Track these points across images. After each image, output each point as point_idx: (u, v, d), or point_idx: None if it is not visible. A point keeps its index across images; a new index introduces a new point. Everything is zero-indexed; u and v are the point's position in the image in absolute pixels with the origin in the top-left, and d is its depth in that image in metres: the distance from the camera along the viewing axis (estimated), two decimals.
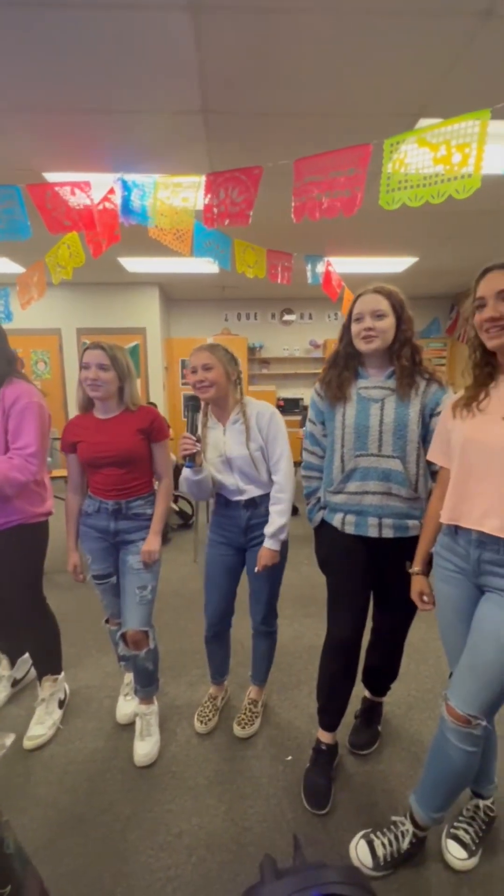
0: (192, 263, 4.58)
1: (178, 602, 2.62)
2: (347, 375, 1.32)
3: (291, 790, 1.44)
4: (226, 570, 1.60)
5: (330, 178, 1.76)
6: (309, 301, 6.56)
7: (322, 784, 1.40)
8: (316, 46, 1.81)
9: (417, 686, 1.93)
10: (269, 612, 1.64)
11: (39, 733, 1.62)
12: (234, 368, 1.51)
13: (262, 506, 1.51)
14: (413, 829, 1.18)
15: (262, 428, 1.48)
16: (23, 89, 2.06)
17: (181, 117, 2.28)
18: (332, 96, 2.12)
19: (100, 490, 1.56)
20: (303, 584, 2.87)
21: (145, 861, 1.23)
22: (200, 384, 1.44)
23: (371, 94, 2.10)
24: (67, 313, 5.69)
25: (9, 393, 1.49)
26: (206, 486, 1.50)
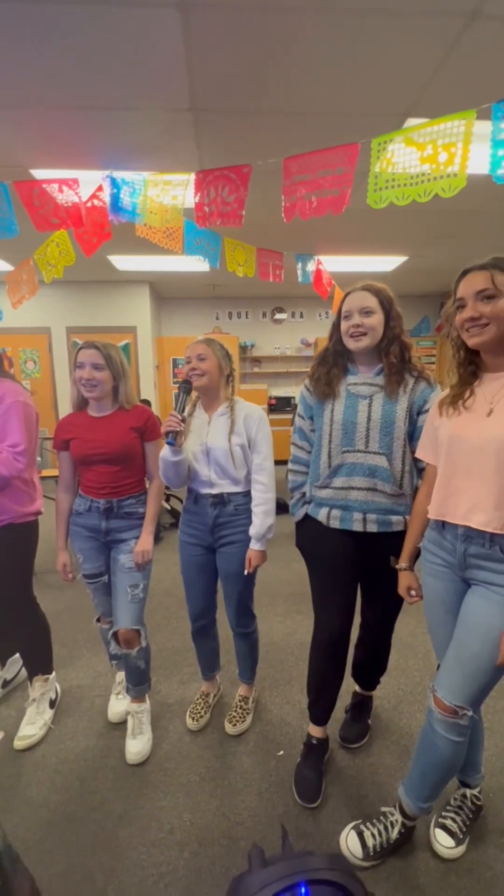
0: (183, 262, 4.57)
1: (170, 601, 2.62)
2: (336, 372, 1.33)
3: (283, 784, 1.45)
4: (200, 569, 1.60)
5: (319, 178, 1.77)
6: (300, 300, 6.58)
7: (313, 778, 1.42)
8: (305, 46, 1.81)
9: (407, 680, 1.96)
10: (243, 613, 1.63)
11: (30, 733, 1.61)
12: (228, 364, 1.53)
13: (231, 504, 1.51)
14: (402, 819, 1.20)
15: (249, 428, 1.49)
16: (10, 85, 2.03)
17: (170, 115, 2.27)
18: (320, 96, 2.13)
19: (92, 488, 1.56)
20: (294, 582, 2.89)
21: (137, 858, 1.23)
22: (194, 372, 1.46)
23: (360, 93, 2.12)
24: (57, 312, 5.64)
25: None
26: (182, 470, 1.49)
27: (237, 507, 1.51)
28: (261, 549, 1.51)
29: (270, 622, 2.44)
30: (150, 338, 5.84)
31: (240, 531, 1.52)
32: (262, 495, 1.50)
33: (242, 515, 1.52)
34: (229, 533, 1.52)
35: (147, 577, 1.61)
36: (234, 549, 1.53)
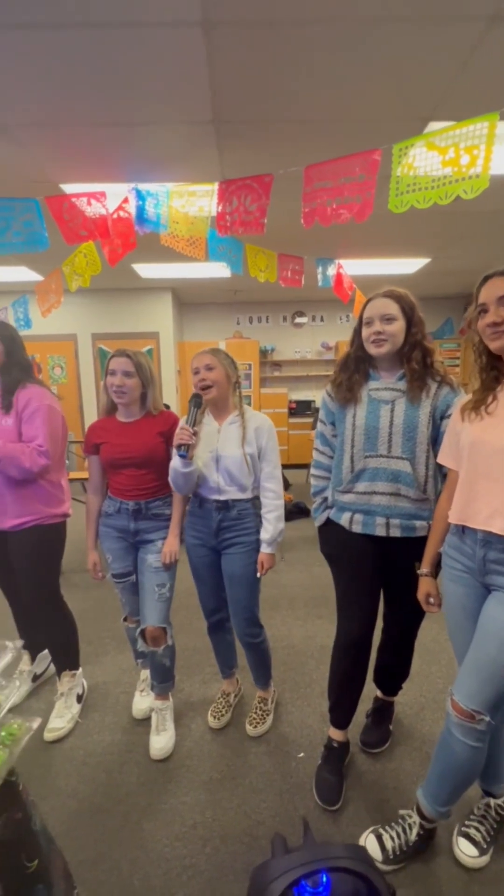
0: (205, 268, 4.65)
1: (192, 601, 2.64)
2: (358, 378, 1.34)
3: (303, 786, 1.46)
4: (207, 568, 1.63)
5: (339, 185, 1.79)
6: (320, 303, 6.58)
7: (333, 780, 1.42)
8: (325, 55, 1.84)
9: (429, 687, 1.93)
10: (249, 621, 1.63)
11: (59, 726, 1.68)
12: (234, 372, 1.56)
13: (234, 510, 1.54)
14: (420, 820, 1.20)
15: (259, 438, 1.52)
16: (42, 105, 2.14)
17: (193, 127, 2.33)
18: (340, 103, 2.15)
19: (120, 491, 1.61)
20: (314, 586, 2.89)
21: (161, 850, 1.27)
22: (202, 383, 1.49)
23: (380, 99, 2.13)
24: (83, 319, 5.81)
25: (21, 397, 1.58)
26: (192, 479, 1.53)
27: (240, 512, 1.54)
28: (272, 552, 1.54)
29: (291, 626, 2.45)
30: (172, 343, 5.95)
31: (243, 534, 1.54)
32: (272, 502, 1.54)
33: (245, 519, 1.55)
34: (232, 536, 1.55)
35: (173, 577, 1.65)
36: (237, 550, 1.55)
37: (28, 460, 1.52)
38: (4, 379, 1.60)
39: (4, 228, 2.07)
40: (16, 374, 1.60)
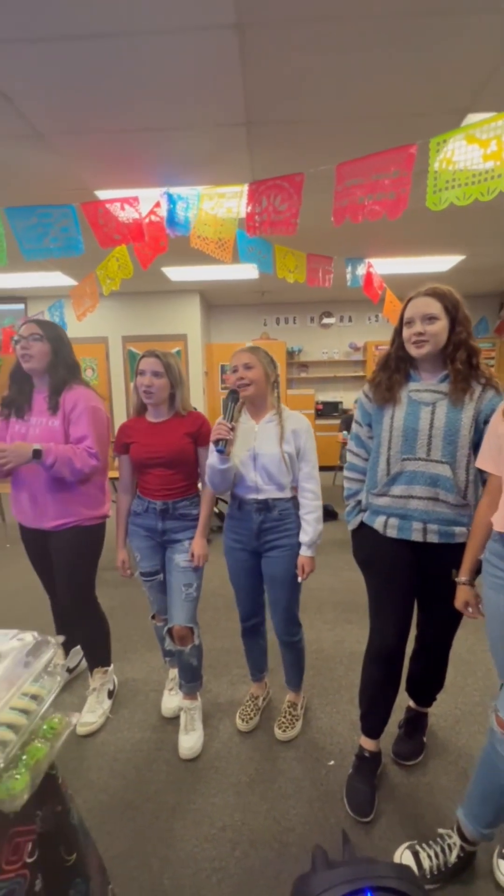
0: (233, 270, 4.67)
1: (219, 602, 2.67)
2: (398, 378, 1.30)
3: (334, 795, 1.43)
4: (247, 572, 1.62)
5: (373, 181, 1.75)
6: (349, 303, 6.49)
7: (365, 791, 1.39)
8: (358, 51, 1.81)
9: (465, 699, 1.86)
10: (289, 621, 1.63)
11: (91, 721, 1.71)
12: (273, 371, 1.55)
13: (276, 510, 1.52)
14: (461, 842, 1.15)
15: (298, 438, 1.51)
16: (76, 113, 2.20)
17: (224, 129, 2.35)
18: (374, 99, 2.11)
19: (149, 490, 1.63)
20: (343, 590, 2.84)
21: (191, 850, 1.27)
22: (241, 381, 1.48)
23: (416, 94, 2.08)
24: (114, 322, 5.95)
25: (69, 398, 1.60)
26: (229, 476, 1.52)
27: (282, 513, 1.52)
28: (312, 555, 1.52)
29: (319, 630, 2.42)
30: (199, 345, 6.01)
31: (285, 536, 1.53)
32: (311, 503, 1.52)
33: (287, 520, 1.53)
34: (275, 538, 1.53)
35: (200, 577, 1.66)
36: (279, 553, 1.54)
37: (80, 461, 1.55)
38: (52, 379, 1.62)
39: (42, 235, 2.13)
40: (63, 374, 1.62)
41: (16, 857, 0.61)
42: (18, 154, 2.52)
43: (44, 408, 1.61)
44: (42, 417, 1.61)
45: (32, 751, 0.65)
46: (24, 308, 5.92)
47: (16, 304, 5.89)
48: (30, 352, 1.57)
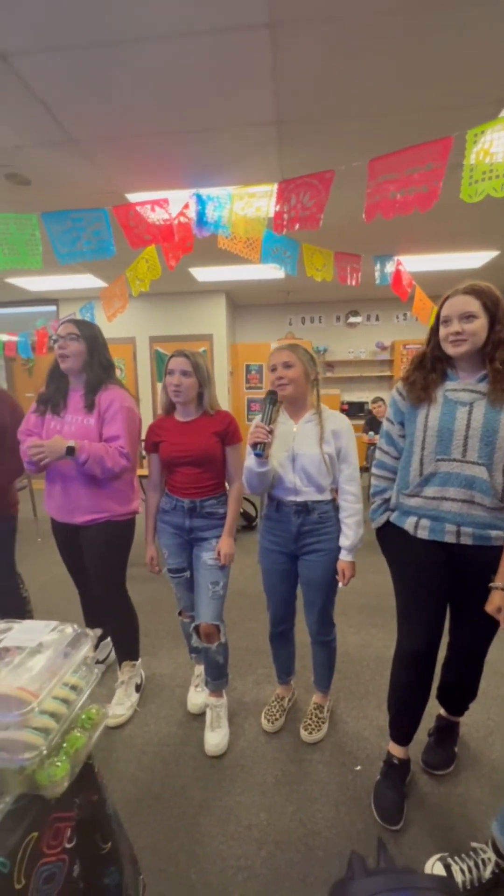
0: (260, 270, 4.67)
1: (244, 602, 2.68)
2: (434, 377, 1.27)
3: (361, 801, 1.41)
4: (282, 576, 1.61)
5: (406, 176, 1.72)
6: (376, 302, 6.39)
7: (394, 799, 1.36)
8: (391, 45, 1.78)
9: (499, 710, 1.80)
10: (323, 622, 1.62)
11: (120, 713, 1.75)
12: (313, 369, 1.51)
13: (315, 512, 1.50)
14: (496, 858, 1.11)
15: (339, 438, 1.48)
16: (109, 119, 2.25)
17: (254, 129, 2.35)
18: (408, 93, 2.07)
19: (177, 488, 1.65)
20: (368, 593, 2.80)
21: (217, 847, 1.27)
22: (280, 381, 1.46)
23: (450, 86, 2.02)
24: (141, 322, 6.06)
25: (104, 398, 1.64)
26: (267, 479, 1.50)
27: (321, 516, 1.50)
28: (352, 560, 1.49)
29: (344, 633, 2.39)
30: (225, 345, 6.04)
31: (325, 539, 1.51)
32: (352, 506, 1.49)
33: (327, 524, 1.51)
34: (314, 541, 1.52)
35: (227, 576, 1.66)
36: (318, 557, 1.52)
37: (111, 461, 1.58)
38: (88, 377, 1.66)
39: (76, 238, 2.19)
40: (98, 373, 1.66)
41: (56, 842, 0.63)
42: (55, 160, 2.60)
43: (80, 406, 1.65)
44: (77, 415, 1.65)
45: (72, 740, 0.66)
46: (55, 310, 6.10)
47: (48, 305, 6.07)
48: (67, 351, 1.62)
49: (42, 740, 0.60)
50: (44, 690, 0.64)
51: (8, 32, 1.69)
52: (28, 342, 4.54)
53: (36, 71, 1.90)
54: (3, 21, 1.63)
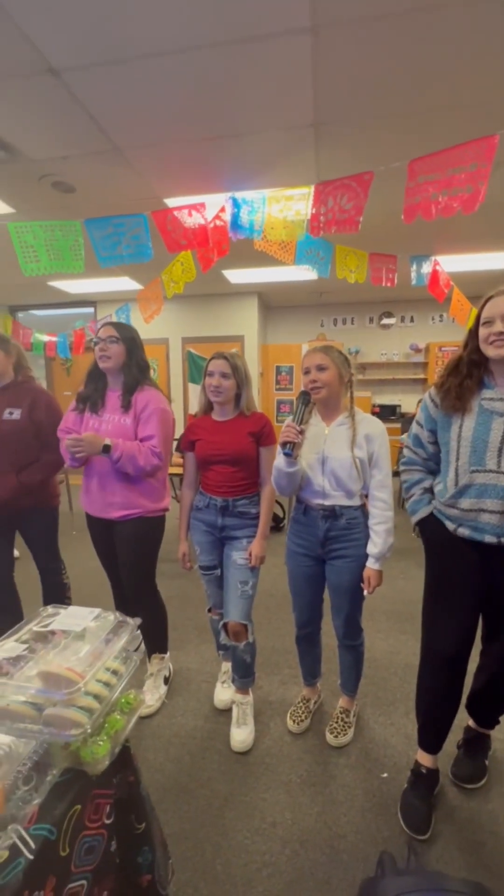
0: (293, 271, 4.68)
1: (271, 602, 2.69)
2: (470, 385, 1.23)
3: (387, 809, 1.39)
4: (308, 579, 1.60)
5: (448, 176, 1.69)
6: (410, 303, 6.26)
7: (421, 808, 1.34)
8: (433, 44, 1.75)
9: None
10: (350, 627, 1.60)
11: (149, 704, 1.80)
12: (347, 371, 1.50)
13: (343, 518, 1.48)
14: None
15: (371, 442, 1.45)
16: (150, 127, 2.31)
17: (292, 133, 2.36)
18: (450, 91, 2.03)
19: (211, 487, 1.68)
20: (397, 600, 2.75)
21: (241, 841, 1.29)
22: (313, 384, 1.45)
23: (494, 83, 1.97)
24: (175, 324, 6.18)
25: (140, 399, 1.70)
26: (296, 480, 1.49)
27: (349, 521, 1.49)
28: (380, 568, 1.47)
29: (372, 639, 2.36)
30: (256, 346, 6.07)
31: (352, 545, 1.50)
32: (383, 513, 1.46)
33: (355, 530, 1.49)
34: (341, 547, 1.51)
35: (256, 576, 1.68)
36: (345, 563, 1.51)
37: (143, 459, 1.63)
38: (126, 378, 1.72)
39: (116, 243, 2.26)
40: (136, 374, 1.72)
41: (97, 816, 0.66)
42: (98, 168, 2.71)
43: (117, 405, 1.72)
44: (115, 414, 1.71)
45: (112, 721, 0.70)
46: (93, 311, 6.31)
47: (86, 307, 6.30)
48: (107, 353, 1.68)
49: (87, 719, 0.63)
50: (88, 673, 0.68)
51: (60, 50, 1.78)
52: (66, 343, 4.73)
53: (84, 84, 1.99)
54: (55, 39, 1.72)
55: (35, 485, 1.93)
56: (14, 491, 1.88)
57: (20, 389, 1.95)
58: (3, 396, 1.93)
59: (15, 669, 0.67)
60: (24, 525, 2.02)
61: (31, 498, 1.94)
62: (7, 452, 1.88)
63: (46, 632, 0.75)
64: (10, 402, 1.92)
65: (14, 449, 1.89)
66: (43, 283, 5.17)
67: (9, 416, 1.90)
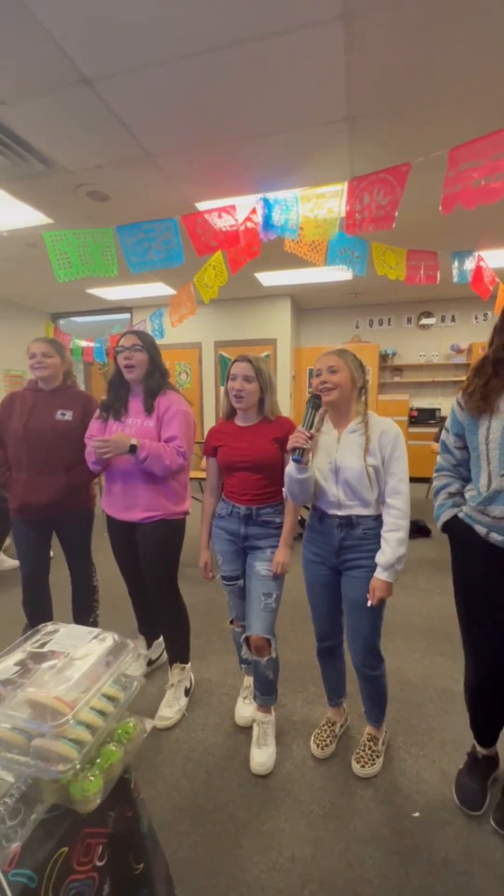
0: (327, 272, 4.57)
1: (297, 613, 2.59)
2: (497, 384, 1.15)
3: (419, 853, 1.27)
4: (325, 589, 1.52)
5: (492, 161, 1.57)
6: (451, 302, 5.97)
7: (475, 789, 1.32)
8: (472, 24, 1.62)
9: None
10: (369, 651, 1.48)
11: (168, 715, 1.76)
12: (361, 375, 1.43)
13: (359, 528, 1.39)
14: None
15: (384, 446, 1.36)
16: (181, 133, 2.31)
17: (324, 128, 2.28)
18: (491, 76, 1.88)
19: (234, 494, 1.63)
20: (433, 616, 2.57)
21: (258, 875, 1.22)
22: (324, 385, 1.39)
23: None
24: (208, 328, 6.21)
25: (163, 402, 1.72)
26: (308, 488, 1.41)
27: (366, 531, 1.40)
28: (388, 580, 1.35)
29: (405, 658, 2.21)
30: (289, 349, 5.99)
31: (368, 556, 1.40)
32: (396, 521, 1.35)
33: (372, 540, 1.40)
34: (356, 557, 1.41)
35: (280, 588, 1.60)
36: (361, 574, 1.41)
37: (169, 458, 1.65)
38: (149, 383, 1.75)
39: (147, 249, 2.27)
40: (158, 379, 1.77)
41: (87, 858, 0.61)
42: (131, 176, 2.74)
43: (140, 410, 1.75)
44: (138, 418, 1.74)
45: (107, 754, 0.65)
46: (129, 317, 6.47)
47: (123, 313, 6.46)
48: (132, 361, 1.72)
49: (76, 753, 0.59)
50: (81, 701, 0.63)
51: (92, 58, 1.79)
52: (103, 348, 4.86)
53: (116, 93, 2.00)
54: (89, 49, 1.74)
55: (81, 485, 1.99)
56: (62, 490, 1.94)
57: (70, 393, 2.03)
58: (54, 398, 1.99)
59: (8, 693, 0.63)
60: (62, 526, 2.07)
61: (74, 499, 1.99)
62: (58, 452, 1.94)
63: (43, 652, 0.71)
64: (62, 404, 1.99)
65: (65, 449, 1.95)
66: (82, 291, 5.34)
67: (61, 417, 1.96)
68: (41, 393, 2.00)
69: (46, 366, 1.94)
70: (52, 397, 1.99)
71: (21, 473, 1.95)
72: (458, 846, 1.28)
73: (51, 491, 1.92)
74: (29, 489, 1.93)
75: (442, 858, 1.25)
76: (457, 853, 1.26)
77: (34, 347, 1.95)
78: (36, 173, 2.66)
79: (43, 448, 1.92)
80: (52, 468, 1.93)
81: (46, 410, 1.95)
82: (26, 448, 1.92)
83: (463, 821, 1.34)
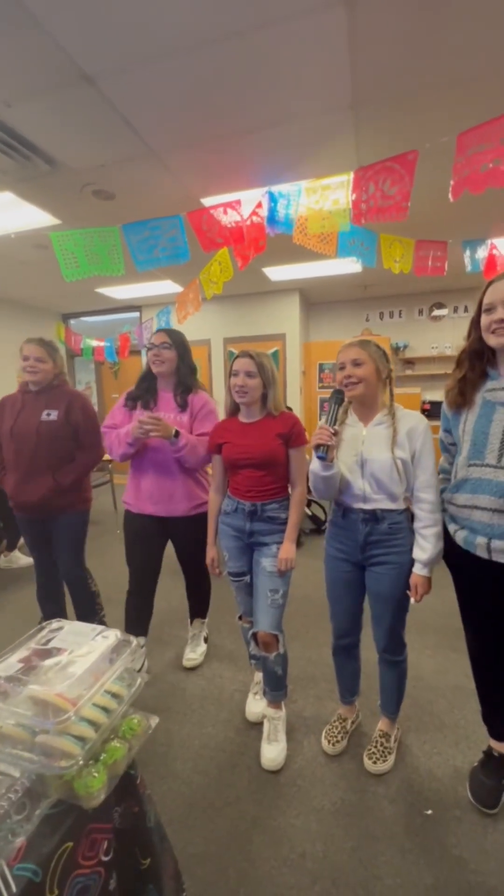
0: (335, 265, 4.52)
1: (309, 609, 2.58)
2: (473, 377, 1.14)
3: (431, 853, 1.25)
4: (347, 586, 1.51)
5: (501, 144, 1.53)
6: (465, 292, 5.84)
7: (490, 786, 1.30)
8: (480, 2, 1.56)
9: None
10: (393, 640, 1.49)
11: (194, 657, 2.08)
12: (386, 366, 1.39)
13: (385, 522, 1.37)
14: None
15: (413, 441, 1.33)
16: (185, 126, 2.28)
17: (329, 117, 2.24)
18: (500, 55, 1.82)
19: (239, 491, 1.62)
20: (446, 613, 2.53)
21: (268, 870, 1.22)
22: (348, 380, 1.35)
23: None
24: (216, 324, 6.20)
25: (197, 401, 1.87)
26: (334, 483, 1.40)
27: (392, 526, 1.37)
28: (429, 575, 1.35)
29: (418, 653, 2.19)
30: (298, 344, 5.95)
31: (394, 551, 1.38)
32: (430, 515, 1.33)
33: (398, 535, 1.37)
34: (382, 553, 1.39)
35: (287, 584, 1.59)
36: (386, 569, 1.40)
37: (203, 450, 1.78)
38: (179, 380, 1.87)
39: (153, 246, 2.27)
40: (188, 376, 1.89)
41: (92, 853, 0.61)
42: (136, 173, 2.73)
43: (172, 405, 1.86)
44: (171, 412, 1.85)
45: (111, 750, 0.65)
46: (139, 315, 6.49)
47: (132, 312, 6.49)
48: (160, 358, 1.83)
49: (79, 749, 0.59)
50: (83, 697, 0.63)
51: (92, 54, 1.79)
52: (113, 347, 4.89)
53: (117, 88, 1.99)
54: (88, 45, 1.73)
55: (68, 485, 1.99)
56: (50, 490, 1.96)
57: (56, 392, 2.03)
58: (40, 399, 2.01)
59: (12, 689, 0.64)
60: (53, 526, 2.08)
61: (63, 499, 2.00)
62: (45, 453, 1.96)
63: (47, 649, 0.72)
64: (47, 404, 1.99)
65: (51, 449, 1.97)
66: (91, 291, 5.37)
67: (46, 418, 1.97)
68: (29, 395, 2.02)
69: (38, 370, 1.96)
70: (38, 398, 2.00)
71: (12, 474, 2.00)
72: (472, 845, 1.26)
73: (40, 491, 1.95)
74: (19, 490, 1.98)
75: (455, 857, 1.23)
76: (470, 852, 1.24)
77: (28, 350, 1.95)
78: (41, 174, 2.67)
79: (29, 449, 1.95)
80: (39, 469, 1.95)
81: (32, 412, 1.98)
82: (14, 449, 1.97)
83: (476, 819, 1.33)
